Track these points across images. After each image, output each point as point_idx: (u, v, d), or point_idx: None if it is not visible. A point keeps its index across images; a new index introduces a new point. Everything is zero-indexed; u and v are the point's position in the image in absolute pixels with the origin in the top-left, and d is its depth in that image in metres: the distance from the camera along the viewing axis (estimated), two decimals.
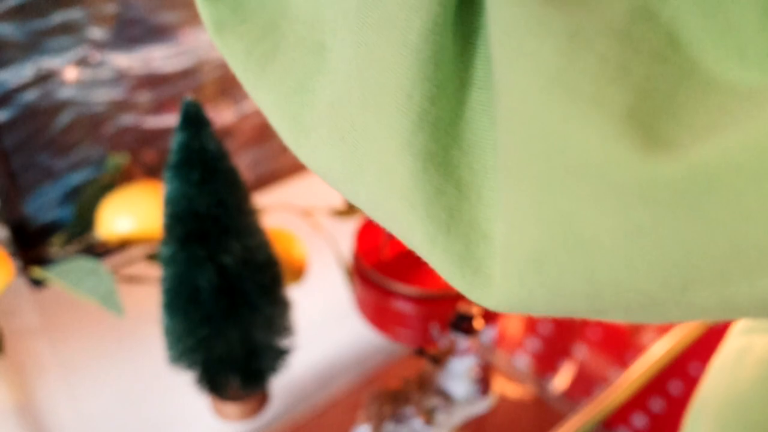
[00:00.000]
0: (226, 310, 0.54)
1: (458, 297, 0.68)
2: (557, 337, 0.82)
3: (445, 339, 0.62)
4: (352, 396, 0.72)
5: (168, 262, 0.53)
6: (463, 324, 0.61)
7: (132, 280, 0.76)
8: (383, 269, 0.69)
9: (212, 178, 0.51)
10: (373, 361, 0.78)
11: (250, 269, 0.54)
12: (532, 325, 0.83)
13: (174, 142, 0.51)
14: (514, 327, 0.83)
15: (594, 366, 0.80)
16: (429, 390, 0.61)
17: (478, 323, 0.61)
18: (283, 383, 0.69)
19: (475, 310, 0.60)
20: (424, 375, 0.60)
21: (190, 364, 0.57)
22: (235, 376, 0.57)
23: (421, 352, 0.59)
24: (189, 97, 0.49)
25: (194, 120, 0.50)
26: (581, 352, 0.80)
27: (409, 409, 0.60)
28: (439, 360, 0.59)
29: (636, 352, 0.79)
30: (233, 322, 0.55)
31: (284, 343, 0.60)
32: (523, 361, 0.80)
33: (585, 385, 0.78)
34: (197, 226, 0.52)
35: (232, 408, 0.61)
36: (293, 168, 1.00)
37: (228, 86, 0.90)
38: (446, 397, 0.63)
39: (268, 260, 0.56)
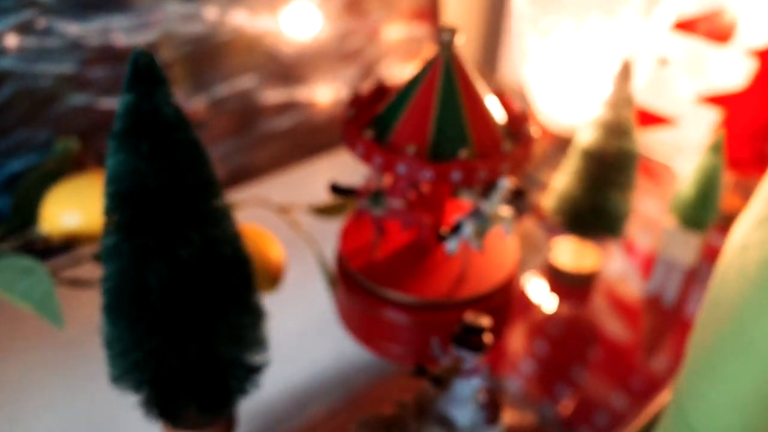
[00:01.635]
0: (181, 317, 0.44)
1: (463, 305, 0.58)
2: (554, 359, 0.72)
3: (448, 356, 0.53)
4: (335, 422, 0.61)
5: (110, 255, 0.43)
6: (470, 338, 0.51)
7: (79, 283, 0.66)
8: (373, 273, 0.59)
9: (167, 151, 0.41)
10: (359, 380, 0.68)
11: (213, 266, 0.44)
12: (525, 344, 0.74)
13: (120, 105, 0.40)
14: (505, 346, 0.73)
15: (595, 391, 0.70)
16: (428, 417, 0.50)
17: (488, 338, 0.51)
18: (252, 407, 0.58)
19: (484, 322, 0.51)
20: (423, 398, 0.50)
21: (137, 384, 0.46)
22: (193, 399, 0.47)
23: (421, 371, 0.49)
24: (140, 48, 0.39)
25: (146, 76, 0.40)
26: (581, 375, 0.70)
27: None
28: (442, 382, 0.49)
29: (642, 377, 0.69)
30: (190, 332, 0.44)
31: (254, 358, 0.49)
32: (515, 385, 0.70)
33: (585, 413, 0.68)
34: (146, 211, 0.41)
35: None
36: (271, 163, 0.90)
37: (198, 67, 0.80)
38: (449, 426, 0.52)
39: (236, 256, 0.46)
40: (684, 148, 0.95)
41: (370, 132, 0.53)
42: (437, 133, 0.52)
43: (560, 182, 0.72)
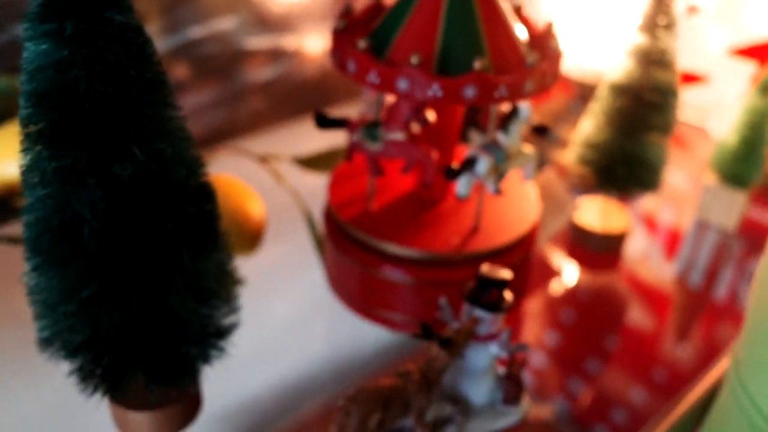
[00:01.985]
0: (122, 258, 0.34)
1: (476, 261, 0.48)
2: (566, 349, 0.63)
3: (459, 321, 0.43)
4: (329, 416, 0.52)
5: (29, 178, 0.33)
6: (487, 294, 0.41)
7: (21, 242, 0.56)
8: (367, 224, 0.49)
9: (99, 34, 0.31)
10: (356, 373, 0.58)
11: (163, 192, 0.34)
12: (535, 334, 0.64)
13: None
14: (513, 335, 0.64)
15: (611, 384, 0.61)
16: (436, 392, 0.41)
17: (508, 294, 0.42)
18: (230, 402, 0.49)
19: (505, 274, 0.41)
20: (430, 368, 0.41)
21: (69, 348, 0.36)
22: (140, 367, 0.37)
23: (427, 333, 0.39)
24: None
25: None
26: (594, 367, 0.61)
27: (406, 421, 0.40)
28: (453, 345, 0.39)
29: (664, 367, 0.60)
30: (134, 278, 0.35)
31: (219, 317, 0.39)
32: (525, 377, 0.61)
33: (601, 409, 0.59)
34: (73, 115, 0.32)
35: (139, 419, 0.40)
36: (254, 120, 0.80)
37: (169, 2, 0.70)
38: (461, 404, 0.43)
39: (195, 183, 0.36)
40: (717, 107, 0.85)
41: (365, 43, 0.43)
42: (446, 41, 0.43)
43: (586, 127, 0.62)
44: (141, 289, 0.35)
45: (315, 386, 0.52)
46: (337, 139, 0.66)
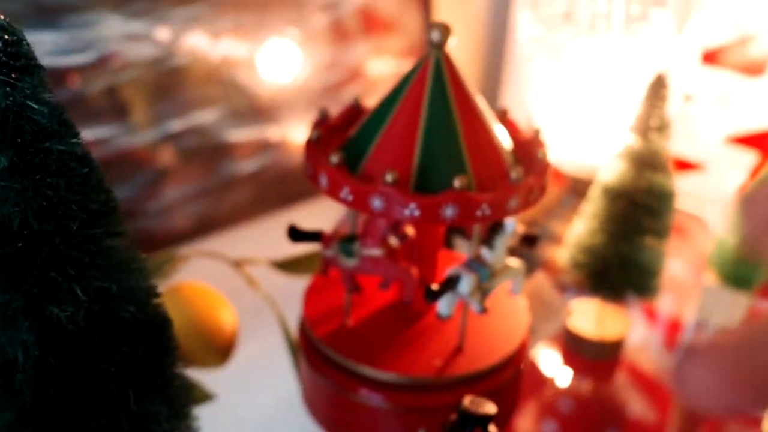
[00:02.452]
0: (59, 405, 0.31)
1: (460, 385, 0.45)
2: (582, 419, 0.59)
3: None
4: None
5: None
6: (468, 430, 0.38)
7: None
8: (343, 344, 0.46)
9: (36, 167, 0.29)
10: None
11: (106, 332, 0.31)
12: (550, 403, 0.61)
13: None
14: (528, 409, 0.60)
15: None
16: None
17: (493, 430, 0.38)
18: None
19: (489, 409, 0.38)
20: None
21: None
22: None
23: None
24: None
25: (8, 60, 0.28)
26: None
27: None
28: None
29: None
30: (73, 426, 0.31)
31: None
32: None
33: None
34: (5, 252, 0.29)
35: None
36: (236, 213, 0.78)
37: (148, 96, 0.68)
38: None
39: (144, 318, 0.33)
40: (714, 197, 0.82)
41: (337, 157, 0.40)
42: (424, 156, 0.40)
43: (578, 230, 0.59)
44: None
45: None
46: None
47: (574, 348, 0.63)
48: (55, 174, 0.29)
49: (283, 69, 0.78)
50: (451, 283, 0.42)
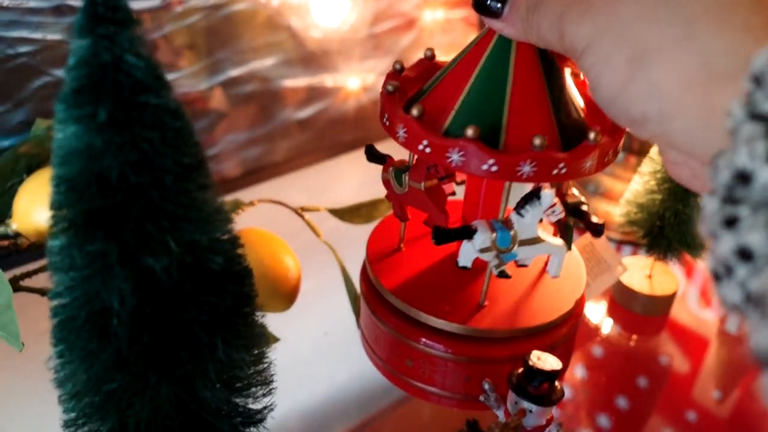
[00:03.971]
0: (152, 350, 0.32)
1: (518, 339, 0.45)
2: (595, 386, 0.60)
3: (504, 406, 0.40)
4: None
5: (58, 263, 0.31)
6: (536, 386, 0.38)
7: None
8: (407, 294, 0.47)
9: (133, 121, 0.29)
10: (382, 403, 0.56)
11: (196, 283, 0.32)
12: (596, 355, 0.61)
13: (70, 55, 0.29)
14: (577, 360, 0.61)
15: (641, 424, 0.58)
16: None
17: (559, 386, 0.39)
18: None
19: (555, 364, 0.38)
20: None
21: None
22: None
23: (472, 430, 0.37)
24: None
25: (106, 13, 0.28)
26: (624, 404, 0.58)
27: None
28: None
29: (700, 411, 0.57)
30: (164, 370, 0.33)
31: (252, 404, 0.37)
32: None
33: None
34: (105, 204, 0.30)
35: None
36: (292, 158, 0.78)
37: (209, 42, 0.69)
38: None
39: (230, 270, 0.34)
40: None
41: (418, 109, 0.40)
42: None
43: (636, 188, 0.59)
44: (171, 381, 0.33)
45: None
46: (374, 190, 0.64)
47: (625, 303, 0.63)
48: (151, 128, 0.30)
49: (336, 16, 0.77)
50: (464, 233, 0.42)
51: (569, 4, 0.32)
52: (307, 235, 0.58)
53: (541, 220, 0.43)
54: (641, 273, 0.64)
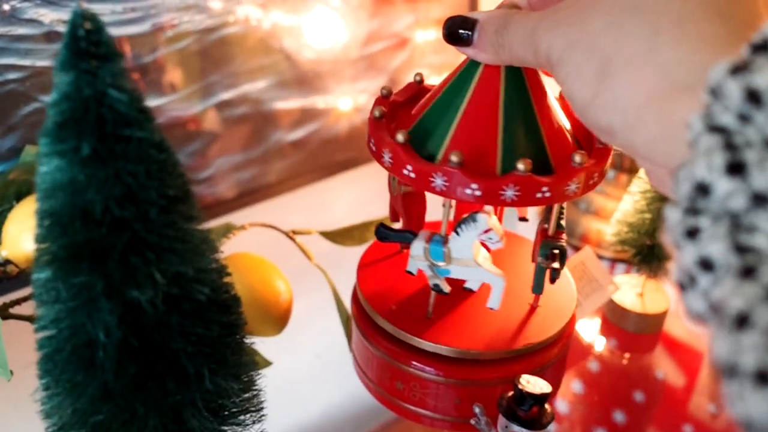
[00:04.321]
0: (138, 382, 0.32)
1: (509, 360, 0.45)
2: (592, 399, 0.60)
3: (494, 430, 0.40)
4: None
5: (43, 296, 0.31)
6: (526, 410, 0.38)
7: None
8: (397, 317, 0.47)
9: (117, 155, 0.29)
10: (374, 423, 0.55)
11: (183, 314, 0.32)
12: (563, 383, 0.61)
13: (54, 91, 0.29)
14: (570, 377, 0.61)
15: None
16: None
17: (549, 411, 0.39)
18: None
19: (545, 387, 0.38)
20: None
21: None
22: None
23: None
24: (80, 4, 0.28)
25: (90, 48, 0.28)
26: (621, 418, 0.58)
27: None
28: None
29: (697, 425, 0.57)
30: (151, 402, 0.33)
31: (245, 429, 0.37)
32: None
33: None
34: (89, 238, 0.30)
35: None
36: (284, 180, 0.78)
37: (202, 66, 0.69)
38: None
39: (217, 300, 0.34)
40: None
41: (404, 135, 0.41)
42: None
43: (626, 207, 0.59)
44: (158, 412, 0.33)
45: None
46: (366, 210, 0.64)
47: (617, 321, 0.63)
48: (135, 161, 0.30)
49: (328, 38, 0.78)
50: (403, 237, 0.44)
51: (541, 19, 0.32)
52: (300, 257, 0.58)
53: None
54: (633, 291, 0.64)
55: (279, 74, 0.74)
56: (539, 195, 0.39)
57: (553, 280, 0.46)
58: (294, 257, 0.58)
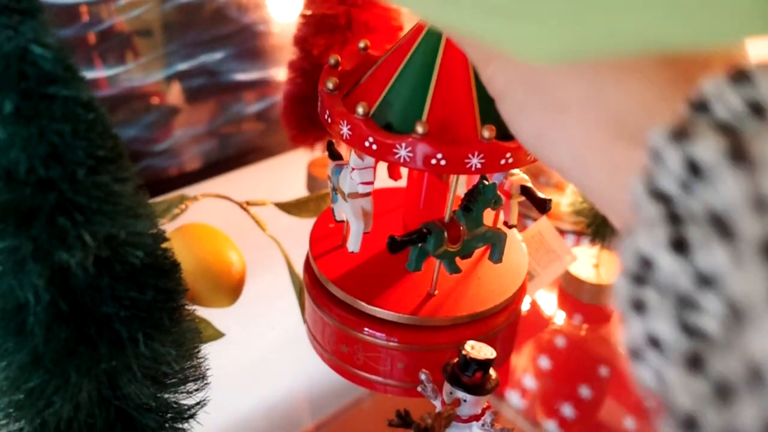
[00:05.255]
0: (69, 347, 0.31)
1: (458, 327, 0.45)
2: (559, 376, 0.60)
3: (440, 396, 0.40)
4: None
5: None
6: (470, 375, 0.38)
7: None
8: (349, 284, 0.46)
9: (41, 113, 0.29)
10: (336, 405, 0.55)
11: (115, 277, 0.32)
12: (530, 359, 0.62)
13: None
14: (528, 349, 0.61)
15: (605, 413, 0.58)
16: None
17: (493, 376, 0.39)
18: None
19: (489, 353, 0.38)
20: None
21: None
22: None
23: (402, 421, 0.37)
24: None
25: (9, 2, 0.27)
26: (587, 394, 0.58)
27: None
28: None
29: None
30: (84, 366, 0.32)
31: (182, 399, 0.37)
32: (517, 400, 0.59)
33: None
34: (13, 199, 0.29)
35: None
36: (244, 153, 0.78)
37: (159, 35, 0.67)
38: None
39: (152, 264, 0.33)
40: None
41: (364, 107, 0.40)
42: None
43: None
44: (92, 378, 0.33)
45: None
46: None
47: (574, 292, 0.64)
48: (61, 120, 0.29)
49: (290, 11, 0.77)
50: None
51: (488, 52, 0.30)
52: (258, 230, 0.58)
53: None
54: (588, 262, 0.64)
55: (237, 46, 0.73)
56: (503, 161, 0.39)
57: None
58: (254, 230, 0.58)
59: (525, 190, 0.47)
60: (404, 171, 0.52)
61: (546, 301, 0.66)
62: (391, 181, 0.53)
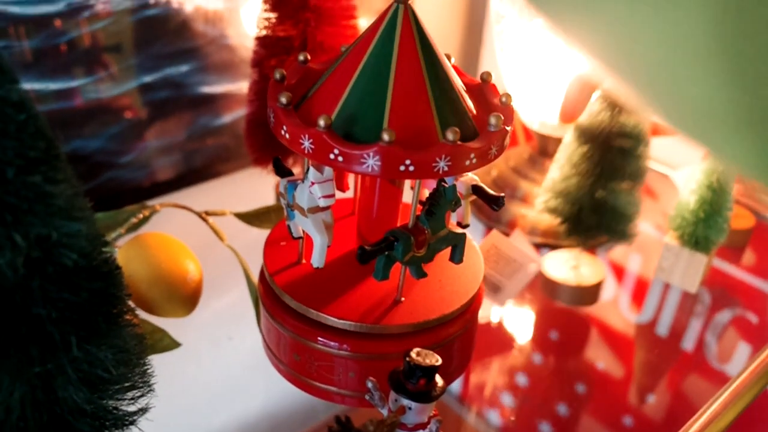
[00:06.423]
0: (2, 350, 0.31)
1: (409, 335, 0.45)
2: (537, 392, 0.60)
3: (387, 405, 0.40)
4: None
5: None
6: (415, 382, 0.38)
7: None
8: (302, 294, 0.46)
9: None
10: (296, 423, 0.55)
11: (46, 278, 0.32)
12: (508, 376, 0.62)
13: None
14: (486, 378, 0.61)
15: (582, 430, 0.58)
16: None
17: (439, 383, 0.39)
18: None
19: (433, 360, 0.38)
20: None
21: None
22: None
23: (342, 428, 0.37)
24: None
25: None
26: (565, 411, 0.58)
27: None
28: None
29: (636, 417, 0.58)
30: (15, 369, 0.32)
31: (121, 405, 0.37)
32: (495, 419, 0.59)
33: None
34: None
35: None
36: (211, 165, 0.78)
37: (123, 48, 0.67)
38: None
39: (89, 266, 0.33)
40: (685, 155, 0.82)
41: (325, 120, 0.40)
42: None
43: (553, 175, 0.59)
44: (25, 381, 0.32)
45: None
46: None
47: (552, 295, 0.64)
48: None
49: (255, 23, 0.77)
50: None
51: None
52: (218, 243, 0.58)
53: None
54: (566, 264, 0.64)
55: (203, 59, 0.73)
56: (468, 162, 0.40)
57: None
58: (218, 241, 0.58)
59: (476, 189, 0.47)
60: (351, 181, 0.52)
61: (520, 315, 0.66)
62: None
